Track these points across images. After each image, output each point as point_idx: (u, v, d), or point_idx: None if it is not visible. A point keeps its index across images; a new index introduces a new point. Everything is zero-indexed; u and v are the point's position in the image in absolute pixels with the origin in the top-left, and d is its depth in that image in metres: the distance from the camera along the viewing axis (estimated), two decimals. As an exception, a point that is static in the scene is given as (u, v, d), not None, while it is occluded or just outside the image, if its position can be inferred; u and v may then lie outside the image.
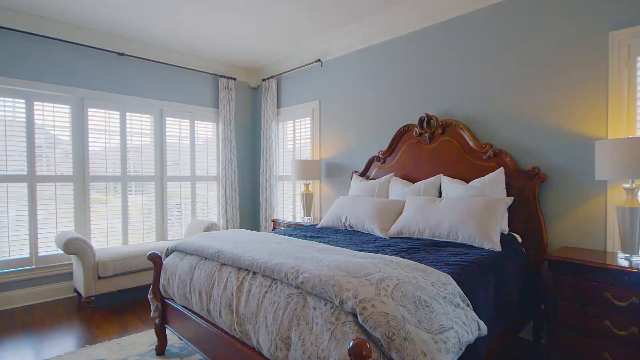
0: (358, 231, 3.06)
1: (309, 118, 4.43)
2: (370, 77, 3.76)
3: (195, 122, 4.72)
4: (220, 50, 4.43)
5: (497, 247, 2.30)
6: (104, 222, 4.03)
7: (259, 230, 5.21)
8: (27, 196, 3.60)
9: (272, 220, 4.21)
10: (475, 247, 2.38)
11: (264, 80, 4.87)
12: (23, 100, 3.60)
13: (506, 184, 2.77)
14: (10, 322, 3.14)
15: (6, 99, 3.52)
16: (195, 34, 3.97)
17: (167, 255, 2.61)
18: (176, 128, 4.56)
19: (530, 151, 2.73)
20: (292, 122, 4.68)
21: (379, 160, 3.59)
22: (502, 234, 2.53)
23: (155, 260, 2.54)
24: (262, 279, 1.79)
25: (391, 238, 2.76)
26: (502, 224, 2.57)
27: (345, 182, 4.02)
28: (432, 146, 3.19)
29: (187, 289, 2.21)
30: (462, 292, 1.63)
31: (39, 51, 3.64)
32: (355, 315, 1.36)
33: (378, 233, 2.86)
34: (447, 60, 3.16)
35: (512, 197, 2.59)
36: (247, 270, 1.91)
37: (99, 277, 3.43)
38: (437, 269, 1.86)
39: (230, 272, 1.97)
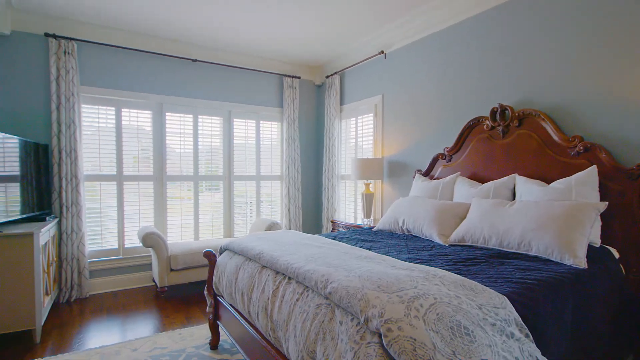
0: (416, 236, 2.81)
1: (372, 114, 4.25)
2: (435, 67, 3.45)
3: (261, 122, 4.86)
4: (284, 49, 4.48)
5: (582, 263, 1.89)
6: (178, 218, 4.37)
7: (320, 231, 5.18)
8: (115, 194, 4.06)
9: (332, 221, 4.13)
10: (552, 261, 2.00)
11: (327, 77, 4.81)
12: (113, 108, 4.06)
13: (600, 186, 2.29)
14: (100, 305, 3.57)
15: (99, 107, 4.00)
16: (262, 36, 4.05)
17: (220, 253, 2.69)
18: (243, 129, 4.74)
19: (634, 145, 2.21)
20: (354, 119, 4.54)
21: (444, 158, 3.27)
22: (590, 247, 2.09)
23: (210, 258, 2.64)
24: (295, 285, 1.71)
25: (451, 245, 2.47)
26: (592, 235, 2.13)
27: (408, 182, 3.76)
28: (506, 141, 2.79)
29: (232, 288, 2.24)
30: (520, 319, 1.35)
31: (126, 63, 4.07)
32: (381, 336, 1.20)
33: (437, 239, 2.59)
34: (525, 40, 2.73)
35: (606, 202, 2.12)
36: (283, 274, 1.85)
37: (171, 270, 3.71)
38: (494, 287, 1.59)
39: (269, 275, 1.93)
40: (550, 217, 2.11)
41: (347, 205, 4.65)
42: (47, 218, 3.38)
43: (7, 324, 2.63)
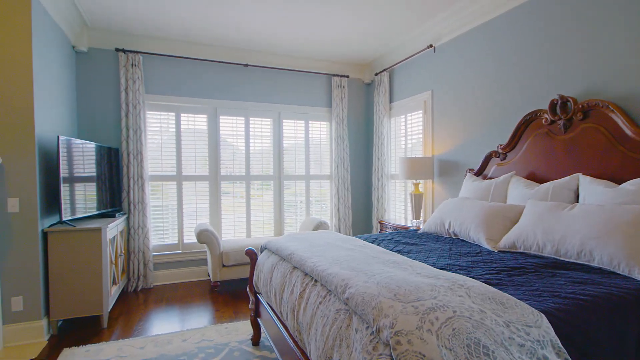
0: (463, 240, 2.63)
1: (421, 111, 4.06)
2: (487, 58, 3.19)
3: (310, 122, 4.91)
4: (332, 49, 4.47)
5: (655, 278, 1.62)
6: (231, 216, 4.58)
7: (370, 232, 5.09)
8: (175, 193, 4.38)
9: (379, 222, 4.03)
10: (617, 274, 1.74)
11: (376, 74, 4.70)
12: (173, 113, 4.38)
13: (686, 187, 1.94)
14: (161, 295, 3.88)
15: (162, 113, 4.35)
16: (310, 37, 4.09)
17: (261, 252, 2.76)
18: (292, 129, 4.83)
19: None
20: (403, 116, 4.38)
21: (498, 157, 3.01)
22: (669, 259, 1.77)
23: (251, 256, 2.73)
24: (320, 288, 1.69)
25: (500, 252, 2.27)
26: (672, 245, 1.80)
27: (460, 181, 3.53)
28: (568, 136, 2.48)
29: (268, 287, 2.29)
30: (559, 341, 1.18)
31: (184, 71, 4.37)
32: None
33: (485, 244, 2.39)
34: (590, 23, 2.40)
35: (693, 207, 1.79)
36: (310, 276, 1.84)
37: (223, 265, 3.91)
38: (535, 301, 1.42)
39: (298, 276, 1.94)
40: (618, 223, 1.83)
41: (397, 205, 4.50)
42: (117, 215, 3.76)
43: (78, 309, 2.98)
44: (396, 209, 4.51)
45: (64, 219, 2.95)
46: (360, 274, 1.53)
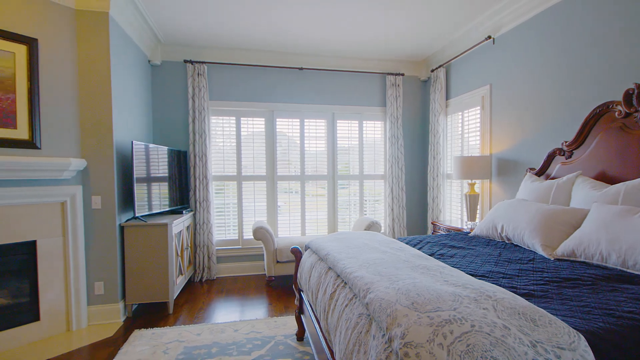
0: (517, 245, 2.43)
1: (478, 107, 3.80)
2: (551, 46, 2.88)
3: (364, 122, 4.88)
4: (387, 47, 4.39)
5: None
6: (287, 215, 4.75)
7: (425, 233, 4.91)
8: (236, 192, 4.67)
9: (432, 223, 3.88)
10: (696, 294, 1.48)
11: (432, 71, 4.51)
12: (234, 118, 4.67)
13: None
14: (222, 287, 4.17)
15: (224, 117, 4.66)
16: (364, 37, 4.07)
17: (305, 250, 2.84)
18: (346, 129, 4.85)
19: None
20: (460, 113, 4.14)
21: (563, 154, 2.71)
22: None
23: (296, 254, 2.82)
24: (348, 290, 1.70)
25: (557, 260, 2.06)
26: None
27: (520, 182, 3.25)
28: (648, 132, 2.15)
29: (307, 285, 2.35)
30: (595, 367, 1.05)
31: (244, 77, 4.63)
32: None
33: (540, 251, 2.19)
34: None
35: None
36: (341, 278, 1.86)
37: (277, 262, 4.08)
38: (581, 319, 1.28)
39: (331, 277, 1.97)
40: (703, 234, 1.56)
41: (453, 206, 4.28)
42: (184, 211, 4.13)
43: (148, 295, 3.34)
44: (452, 210, 4.30)
45: (137, 214, 3.33)
46: (383, 279, 1.51)
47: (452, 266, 1.99)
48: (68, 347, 2.78)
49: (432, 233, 4.08)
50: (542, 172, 2.90)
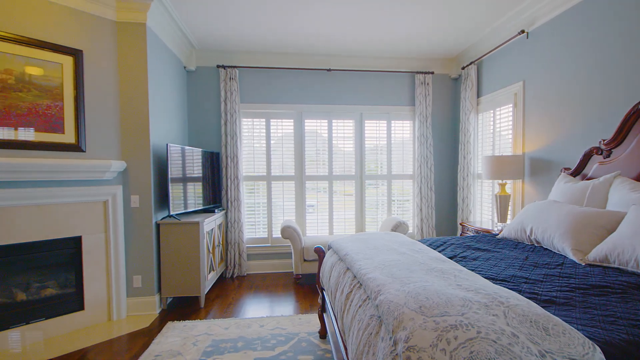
0: (546, 249, 2.33)
1: (510, 105, 3.65)
2: (589, 39, 2.71)
3: (392, 122, 4.83)
4: (416, 45, 4.32)
5: None
6: (315, 214, 4.81)
7: (455, 234, 4.78)
8: (265, 191, 4.79)
9: (461, 224, 3.77)
10: None
11: (463, 68, 4.38)
12: (264, 119, 4.79)
13: None
14: (251, 283, 4.31)
15: (254, 119, 4.79)
16: (392, 35, 4.04)
17: (328, 250, 2.87)
18: (374, 129, 4.82)
19: None
20: (492, 111, 4.00)
21: (600, 153, 2.55)
22: None
23: (319, 253, 2.86)
24: (362, 292, 1.72)
25: (588, 265, 1.96)
26: None
27: (554, 182, 3.09)
28: (695, 130, 1.99)
29: (328, 284, 2.38)
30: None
31: (273, 80, 4.73)
32: (408, 361, 1.12)
33: (571, 255, 2.09)
34: None
35: None
36: (357, 279, 1.87)
37: (304, 260, 4.15)
38: (602, 329, 1.22)
39: (348, 278, 1.99)
40: None
41: (484, 207, 4.14)
42: (216, 210, 4.30)
43: (182, 289, 3.52)
44: (482, 210, 4.16)
45: (171, 213, 3.52)
46: (396, 281, 1.52)
47: (473, 269, 1.95)
48: (109, 336, 3.00)
49: (461, 234, 3.97)
50: (577, 172, 2.74)
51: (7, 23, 2.72)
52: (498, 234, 2.88)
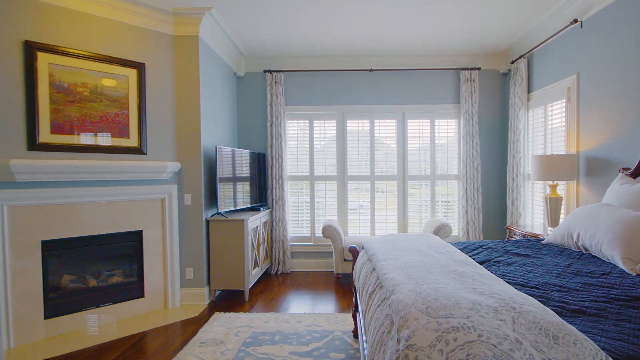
0: (594, 257, 2.16)
1: (563, 100, 3.39)
2: (658, 25, 2.45)
3: (436, 120, 4.71)
4: (460, 41, 4.18)
5: None
6: (356, 214, 4.85)
7: (504, 238, 4.52)
8: (308, 191, 4.93)
9: (507, 228, 3.58)
10: None
11: (512, 62, 4.15)
12: (307, 121, 4.93)
13: None
14: (294, 280, 4.47)
15: (298, 121, 4.95)
16: (435, 32, 3.96)
17: (362, 249, 2.91)
18: (417, 128, 4.74)
19: None
20: (542, 107, 3.74)
21: (662, 154, 2.30)
22: None
23: (354, 253, 2.91)
24: (382, 291, 1.75)
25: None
26: None
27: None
28: None
29: (357, 284, 2.43)
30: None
31: (316, 82, 4.86)
32: (410, 360, 1.15)
33: (620, 264, 1.93)
34: None
35: None
36: (379, 278, 1.90)
37: (344, 260, 4.21)
38: (628, 343, 1.15)
39: (374, 277, 2.02)
40: None
41: (535, 210, 3.88)
42: (261, 209, 4.52)
43: (228, 283, 3.77)
44: (534, 213, 3.90)
45: (219, 210, 3.78)
46: (411, 282, 1.54)
47: (503, 275, 1.89)
48: (164, 322, 3.31)
49: (507, 238, 3.77)
50: (637, 173, 2.50)
51: (84, 42, 3.13)
52: (544, 239, 2.71)
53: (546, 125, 3.71)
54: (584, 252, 2.28)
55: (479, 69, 4.51)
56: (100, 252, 3.35)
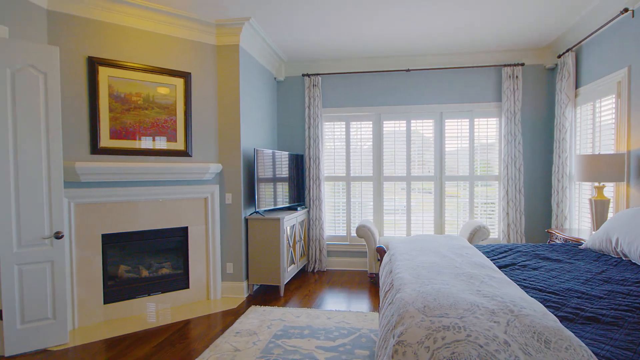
0: (633, 263, 2.03)
1: (613, 95, 3.14)
2: None
3: (475, 120, 4.56)
4: (502, 36, 4.00)
5: None
6: (392, 215, 4.84)
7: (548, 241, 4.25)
8: (345, 191, 5.01)
9: (547, 231, 3.39)
10: None
11: (559, 57, 3.90)
12: (343, 123, 5.02)
13: None
14: (329, 278, 4.58)
15: (335, 123, 5.05)
16: (473, 29, 3.83)
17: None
18: (455, 128, 4.63)
19: None
20: (591, 104, 3.48)
21: None
22: None
23: (381, 253, 2.95)
24: (393, 289, 1.79)
25: (674, 287, 1.67)
26: None
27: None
28: None
29: (380, 283, 2.48)
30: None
31: (352, 84, 4.92)
32: (403, 355, 1.20)
33: (657, 274, 1.80)
34: None
35: None
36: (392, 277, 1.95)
37: (378, 259, 4.24)
38: (632, 353, 1.11)
39: (392, 277, 2.07)
40: None
41: (582, 213, 3.62)
42: (298, 208, 4.68)
43: (265, 278, 3.97)
44: (581, 217, 3.64)
45: (257, 209, 4.00)
46: (417, 282, 1.57)
47: (523, 279, 1.85)
48: (206, 312, 3.58)
49: (548, 242, 3.57)
50: (690, 175, 2.28)
51: (137, 55, 3.47)
52: (583, 244, 2.57)
53: (594, 123, 3.46)
54: (624, 258, 2.14)
55: (522, 64, 4.29)
56: (152, 245, 3.71)
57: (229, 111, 3.92)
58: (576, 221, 3.75)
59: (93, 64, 3.28)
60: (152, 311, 3.57)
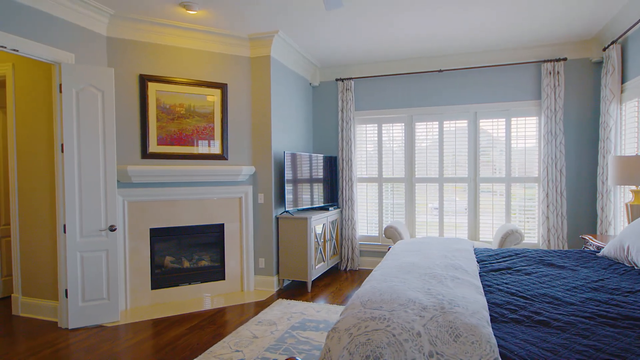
0: None
1: (655, 89, 2.82)
2: None
3: (512, 119, 4.32)
4: (540, 30, 3.75)
5: None
6: (424, 216, 4.78)
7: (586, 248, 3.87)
8: (377, 192, 5.06)
9: (581, 237, 3.13)
10: None
11: (603, 50, 3.57)
12: (375, 125, 5.08)
13: None
14: (359, 277, 4.67)
15: (367, 125, 5.13)
16: (508, 23, 3.64)
17: (398, 252, 2.99)
18: (490, 128, 4.44)
19: None
20: (636, 100, 3.13)
21: None
22: None
23: (391, 254, 3.01)
24: (369, 287, 1.89)
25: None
26: None
27: None
28: None
29: (379, 282, 2.56)
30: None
31: (384, 87, 4.97)
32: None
33: (655, 285, 1.66)
34: None
35: None
36: (377, 276, 2.04)
37: (405, 261, 4.24)
38: (576, 353, 1.12)
39: (378, 276, 2.16)
40: None
41: (625, 217, 3.27)
42: (330, 208, 4.85)
43: (293, 274, 4.21)
44: (625, 222, 3.29)
45: (286, 209, 4.26)
46: (380, 279, 1.67)
47: (502, 283, 1.83)
48: (238, 302, 3.92)
49: (583, 248, 3.29)
50: None
51: (180, 70, 3.93)
52: (599, 252, 2.39)
53: (639, 120, 3.12)
54: (635, 267, 1.98)
55: (564, 59, 3.98)
56: (192, 240, 4.15)
57: (261, 117, 4.22)
58: (620, 227, 3.41)
59: (143, 81, 3.79)
60: (191, 298, 4.00)
